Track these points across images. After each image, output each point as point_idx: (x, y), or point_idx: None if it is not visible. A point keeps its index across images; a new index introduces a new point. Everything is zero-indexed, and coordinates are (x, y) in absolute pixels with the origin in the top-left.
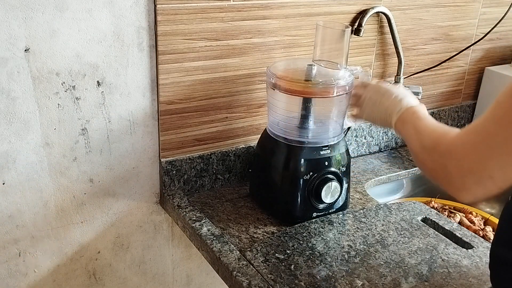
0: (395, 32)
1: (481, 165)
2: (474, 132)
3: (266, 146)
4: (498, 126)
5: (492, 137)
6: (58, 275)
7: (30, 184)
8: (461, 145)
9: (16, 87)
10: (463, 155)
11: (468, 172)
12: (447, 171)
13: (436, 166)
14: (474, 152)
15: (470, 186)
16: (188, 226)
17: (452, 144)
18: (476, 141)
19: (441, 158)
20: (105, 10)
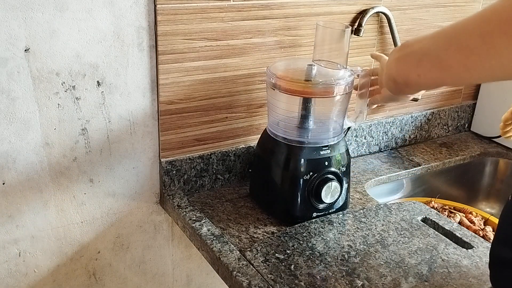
0: (395, 32)
1: (413, 45)
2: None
3: (266, 146)
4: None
5: (440, 33)
6: (58, 275)
7: (30, 184)
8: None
9: (16, 87)
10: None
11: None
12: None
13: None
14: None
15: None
16: (188, 226)
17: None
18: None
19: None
20: (105, 10)
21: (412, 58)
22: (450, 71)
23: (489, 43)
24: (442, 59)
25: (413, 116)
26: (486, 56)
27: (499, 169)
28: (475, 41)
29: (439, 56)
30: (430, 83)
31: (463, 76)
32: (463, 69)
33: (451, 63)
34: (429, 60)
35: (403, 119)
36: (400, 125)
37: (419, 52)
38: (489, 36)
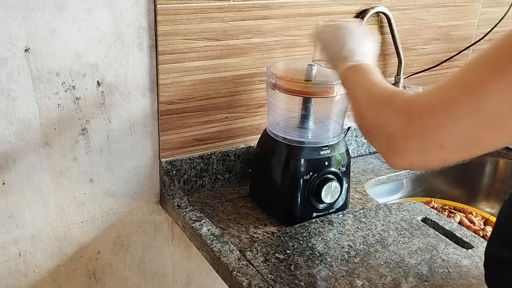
0: (395, 32)
1: (437, 131)
2: (436, 94)
3: (266, 146)
4: (465, 95)
5: (456, 105)
6: (58, 275)
7: (30, 184)
8: (418, 105)
9: (16, 87)
10: (418, 115)
11: (417, 136)
12: (390, 131)
13: (379, 121)
14: (432, 115)
15: (411, 152)
16: (188, 226)
17: (408, 102)
18: (436, 105)
19: (389, 115)
20: (105, 10)
21: (433, 147)
22: (485, 145)
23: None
24: (474, 137)
25: None
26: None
27: (499, 169)
28: (508, 103)
29: (469, 136)
30: (454, 162)
31: (499, 144)
32: (499, 136)
33: (484, 136)
34: (458, 142)
35: None
36: None
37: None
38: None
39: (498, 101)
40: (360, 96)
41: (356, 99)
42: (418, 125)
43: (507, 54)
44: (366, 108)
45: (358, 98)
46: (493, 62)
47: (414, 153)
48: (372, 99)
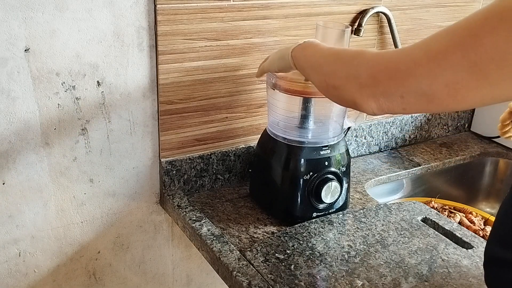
0: (395, 32)
1: (397, 84)
2: (402, 53)
3: (266, 146)
4: (426, 59)
5: (417, 66)
6: (58, 275)
7: (30, 184)
8: (385, 60)
9: (16, 87)
10: (384, 68)
11: (382, 84)
12: (359, 80)
13: (350, 73)
14: (395, 71)
15: (378, 98)
16: (188, 226)
17: (377, 56)
18: (400, 61)
19: (361, 66)
20: (105, 10)
21: (395, 96)
22: (439, 104)
23: (478, 73)
24: (429, 94)
25: (413, 116)
26: (475, 88)
27: (499, 169)
28: (462, 74)
29: (425, 93)
30: (414, 112)
31: (452, 107)
32: (451, 100)
33: (439, 97)
34: (415, 96)
35: (403, 119)
36: (400, 125)
37: (402, 89)
38: (478, 67)
39: (454, 71)
40: (324, 60)
41: (319, 64)
42: (383, 75)
43: (469, 30)
44: (333, 67)
45: (322, 62)
46: (457, 34)
47: (381, 99)
48: (339, 58)
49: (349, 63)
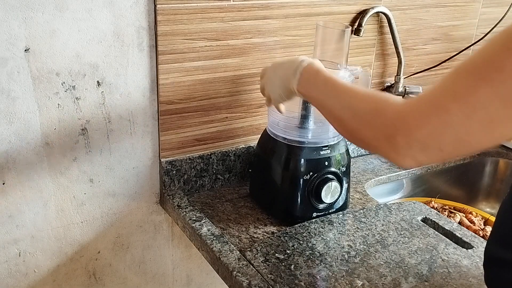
0: (395, 32)
1: (434, 138)
2: (428, 103)
3: (266, 146)
4: (456, 104)
5: (449, 114)
6: (58, 275)
7: (30, 184)
8: (411, 117)
9: (16, 87)
10: (414, 127)
11: (417, 142)
12: (392, 143)
13: (377, 137)
14: (428, 125)
15: (416, 154)
16: (188, 226)
17: (400, 115)
18: (430, 114)
19: (386, 129)
20: (105, 10)
21: (433, 150)
22: (478, 146)
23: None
24: (466, 140)
25: None
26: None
27: (499, 169)
28: (495, 110)
29: (463, 139)
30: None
31: (491, 144)
32: (490, 138)
33: (477, 139)
34: (454, 145)
35: None
36: None
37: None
38: (510, 100)
39: (488, 109)
40: (340, 113)
41: (336, 116)
42: (416, 134)
43: (492, 63)
44: (353, 125)
45: (338, 115)
46: (480, 71)
47: (418, 155)
48: (357, 116)
49: (373, 122)
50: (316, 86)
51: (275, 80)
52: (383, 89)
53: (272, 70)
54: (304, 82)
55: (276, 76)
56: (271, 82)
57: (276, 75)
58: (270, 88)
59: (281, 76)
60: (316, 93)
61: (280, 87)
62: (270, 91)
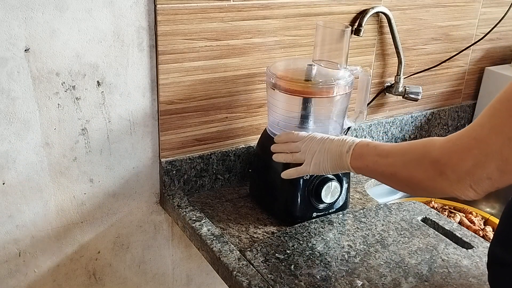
0: (395, 32)
1: (479, 168)
2: (468, 137)
3: (266, 146)
4: (493, 134)
5: (488, 145)
6: (58, 275)
7: (30, 184)
8: (455, 150)
9: (16, 87)
10: (459, 159)
11: (466, 174)
12: (443, 177)
13: (429, 174)
14: (470, 157)
15: (470, 185)
16: (188, 226)
17: (445, 150)
18: (471, 147)
19: (435, 166)
20: (105, 10)
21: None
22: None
23: None
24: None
25: (413, 116)
26: None
27: None
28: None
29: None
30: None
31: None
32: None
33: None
34: (500, 173)
35: (403, 119)
36: (400, 125)
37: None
38: None
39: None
40: (389, 168)
41: (386, 174)
42: (462, 167)
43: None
44: (405, 173)
45: (388, 171)
46: (508, 104)
47: (473, 186)
48: (406, 164)
49: (422, 164)
50: (367, 155)
51: (323, 153)
52: (383, 89)
53: (319, 142)
54: (357, 156)
55: (324, 150)
56: (317, 153)
57: (324, 149)
58: (316, 160)
59: (331, 151)
60: (368, 161)
61: (329, 161)
62: (315, 164)
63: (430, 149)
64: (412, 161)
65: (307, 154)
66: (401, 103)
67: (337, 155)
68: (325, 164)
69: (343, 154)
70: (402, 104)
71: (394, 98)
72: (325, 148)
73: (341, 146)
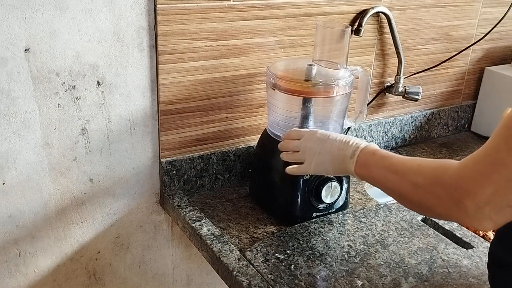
0: (395, 32)
1: (499, 196)
2: (484, 162)
3: (266, 146)
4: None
5: (508, 167)
6: (58, 275)
7: (30, 184)
8: (472, 178)
9: (16, 87)
10: (477, 187)
11: (486, 204)
12: (460, 205)
13: (444, 205)
14: (489, 183)
15: (490, 216)
16: (188, 226)
17: (460, 177)
18: (489, 172)
19: (449, 193)
20: (105, 10)
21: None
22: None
23: None
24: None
25: (413, 116)
26: None
27: None
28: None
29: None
30: None
31: None
32: None
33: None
34: None
35: (403, 119)
36: (400, 125)
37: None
38: None
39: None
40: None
41: (396, 191)
42: (482, 195)
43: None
44: (417, 197)
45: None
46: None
47: (492, 216)
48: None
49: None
50: (374, 166)
51: (324, 154)
52: (383, 89)
53: (319, 142)
54: (362, 164)
55: (325, 151)
56: (317, 154)
57: (325, 150)
58: (317, 161)
59: (333, 154)
60: (375, 173)
61: (331, 163)
62: (316, 164)
63: (444, 175)
64: (424, 186)
65: (307, 154)
66: (401, 103)
67: (340, 158)
68: (327, 166)
69: (346, 159)
70: (402, 104)
71: (394, 98)
72: (326, 150)
73: (344, 150)
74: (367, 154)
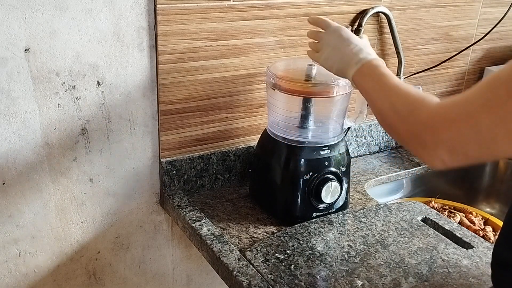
0: (395, 32)
1: (460, 143)
2: (458, 108)
3: (266, 146)
4: (486, 111)
5: (478, 120)
6: (58, 275)
7: (30, 184)
8: (442, 119)
9: (16, 87)
10: (442, 129)
11: (443, 143)
12: (421, 140)
13: (409, 133)
14: (456, 129)
15: (442, 156)
16: (188, 226)
17: (432, 115)
18: (460, 120)
19: (417, 126)
20: (105, 10)
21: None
22: (502, 154)
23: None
24: (491, 147)
25: None
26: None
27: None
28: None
29: (488, 146)
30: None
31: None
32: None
33: (502, 148)
34: (479, 150)
35: None
36: None
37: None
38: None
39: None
40: (381, 106)
41: (378, 108)
42: (444, 137)
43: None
44: (391, 120)
45: (380, 107)
46: (508, 85)
47: (445, 158)
48: (395, 112)
49: (408, 118)
50: (370, 78)
51: (336, 51)
52: None
53: (339, 40)
54: (361, 73)
55: (338, 49)
56: (331, 49)
57: (339, 48)
58: (327, 55)
59: (344, 54)
60: (367, 85)
61: (337, 61)
62: (324, 58)
63: (421, 108)
64: (401, 111)
65: (324, 45)
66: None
67: (346, 61)
68: (332, 63)
69: (351, 63)
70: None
71: None
72: (340, 48)
73: (355, 55)
74: (370, 67)
